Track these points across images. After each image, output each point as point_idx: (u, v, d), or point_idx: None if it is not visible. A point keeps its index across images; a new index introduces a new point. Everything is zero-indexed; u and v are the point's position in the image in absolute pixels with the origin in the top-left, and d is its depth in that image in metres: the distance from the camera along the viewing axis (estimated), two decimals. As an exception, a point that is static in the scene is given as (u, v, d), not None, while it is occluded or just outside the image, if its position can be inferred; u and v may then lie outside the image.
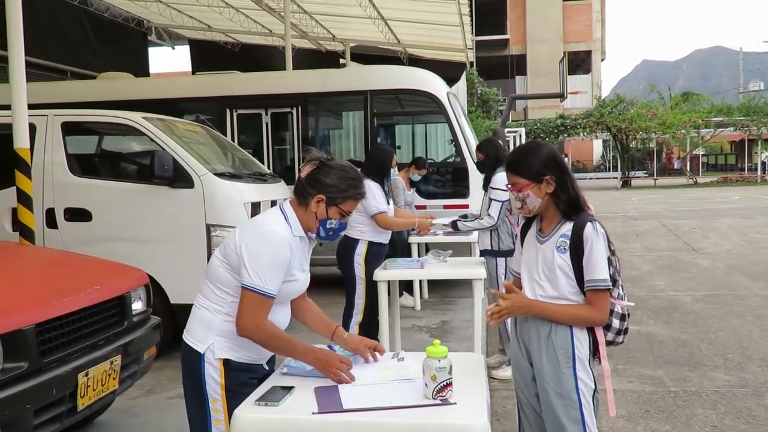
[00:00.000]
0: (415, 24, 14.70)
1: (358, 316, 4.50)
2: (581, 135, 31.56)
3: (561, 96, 18.56)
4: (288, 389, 2.01)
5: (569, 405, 2.26)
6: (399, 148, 8.55)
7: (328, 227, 2.26)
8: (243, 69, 9.29)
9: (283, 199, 2.54)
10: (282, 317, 2.29)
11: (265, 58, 17.70)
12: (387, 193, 4.64)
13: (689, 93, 35.43)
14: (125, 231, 5.01)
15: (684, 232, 12.75)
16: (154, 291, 3.89)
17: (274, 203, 4.83)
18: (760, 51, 72.19)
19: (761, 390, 4.27)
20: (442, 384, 1.89)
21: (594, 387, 2.30)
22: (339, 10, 14.14)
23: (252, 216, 4.61)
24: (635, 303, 2.69)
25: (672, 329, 5.83)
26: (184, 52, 19.03)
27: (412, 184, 7.16)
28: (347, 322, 4.46)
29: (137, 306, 3.55)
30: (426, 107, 8.04)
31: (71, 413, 2.89)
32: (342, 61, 17.25)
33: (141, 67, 15.52)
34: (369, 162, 4.78)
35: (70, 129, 5.29)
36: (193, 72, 16.01)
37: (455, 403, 1.88)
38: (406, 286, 6.71)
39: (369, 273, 4.36)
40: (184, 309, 2.57)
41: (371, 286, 4.34)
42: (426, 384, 1.92)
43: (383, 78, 8.11)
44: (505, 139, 16.47)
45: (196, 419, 2.21)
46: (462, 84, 12.75)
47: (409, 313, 6.48)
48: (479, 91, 26.39)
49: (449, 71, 13.93)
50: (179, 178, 4.93)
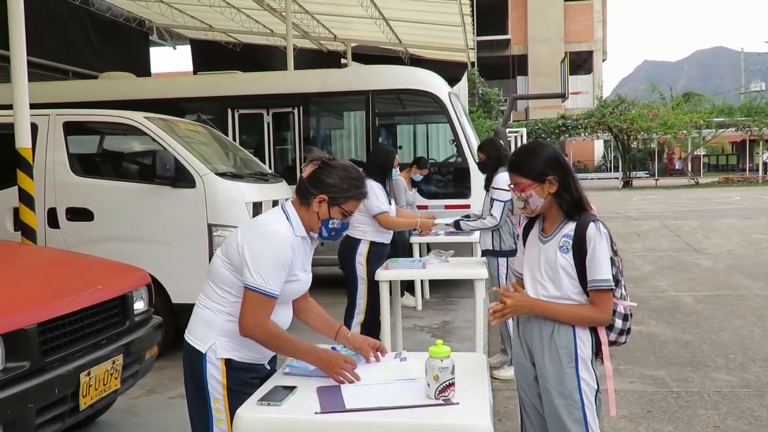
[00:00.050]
0: (417, 24, 14.70)
1: (359, 316, 4.50)
2: (582, 135, 31.53)
3: (562, 96, 18.53)
4: (290, 389, 2.00)
5: (572, 405, 2.26)
6: (400, 148, 8.54)
7: (330, 227, 2.26)
8: (244, 69, 9.29)
9: (285, 199, 2.53)
10: (284, 317, 2.29)
11: (267, 58, 17.72)
12: (389, 193, 4.64)
13: (690, 93, 35.32)
14: (127, 231, 5.01)
15: (685, 232, 12.74)
16: (155, 291, 3.90)
17: (275, 203, 4.83)
18: (761, 51, 71.83)
19: (763, 390, 4.26)
20: (444, 384, 1.89)
21: (597, 387, 2.29)
22: (340, 10, 14.14)
23: (254, 216, 4.61)
24: (637, 303, 2.68)
25: (674, 330, 5.83)
26: (185, 52, 19.04)
27: (413, 184, 7.16)
28: (349, 322, 4.46)
29: (139, 306, 3.55)
30: (427, 107, 8.03)
31: (73, 413, 2.89)
32: (343, 61, 17.26)
33: (142, 67, 15.54)
34: (371, 162, 4.79)
35: (71, 129, 5.30)
36: (195, 72, 15.99)
37: (458, 403, 1.88)
38: (407, 286, 6.71)
39: (371, 273, 4.36)
40: (185, 309, 2.58)
41: (373, 286, 4.34)
42: (428, 384, 1.91)
43: (385, 78, 8.11)
44: (507, 140, 16.46)
45: (197, 419, 2.21)
46: (463, 84, 12.73)
47: (411, 313, 6.48)
48: (480, 92, 26.40)
49: (450, 71, 13.91)
50: (181, 177, 4.93)
